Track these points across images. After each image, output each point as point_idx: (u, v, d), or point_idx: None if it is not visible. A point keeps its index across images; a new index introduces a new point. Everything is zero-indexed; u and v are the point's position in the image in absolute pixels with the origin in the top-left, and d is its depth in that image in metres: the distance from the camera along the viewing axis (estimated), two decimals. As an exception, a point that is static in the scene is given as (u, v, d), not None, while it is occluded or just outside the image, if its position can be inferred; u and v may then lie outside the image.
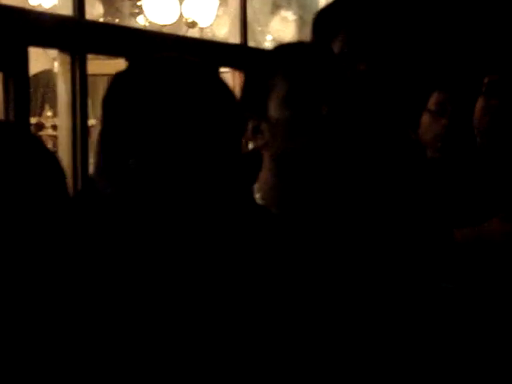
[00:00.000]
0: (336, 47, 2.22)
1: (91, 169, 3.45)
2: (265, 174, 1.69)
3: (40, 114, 5.23)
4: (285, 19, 6.34)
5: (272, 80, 1.65)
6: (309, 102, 1.62)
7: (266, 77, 1.66)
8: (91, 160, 3.91)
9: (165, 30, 5.04)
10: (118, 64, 4.37)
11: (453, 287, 1.88)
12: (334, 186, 1.72)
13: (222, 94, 1.40)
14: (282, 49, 1.79)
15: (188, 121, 1.38)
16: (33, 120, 4.80)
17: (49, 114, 5.10)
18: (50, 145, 5.03)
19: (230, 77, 5.39)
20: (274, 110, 1.63)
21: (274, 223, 1.64)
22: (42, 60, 3.98)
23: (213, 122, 1.38)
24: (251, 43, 5.60)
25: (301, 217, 1.66)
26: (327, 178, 1.68)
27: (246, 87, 1.72)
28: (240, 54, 5.30)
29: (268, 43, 6.16)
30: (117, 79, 1.47)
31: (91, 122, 4.32)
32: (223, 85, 1.41)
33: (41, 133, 5.09)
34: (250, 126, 1.66)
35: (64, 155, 3.94)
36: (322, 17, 2.35)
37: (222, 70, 5.29)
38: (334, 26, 2.26)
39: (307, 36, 2.48)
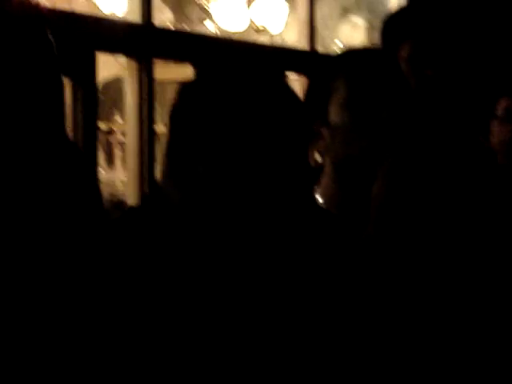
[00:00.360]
0: (404, 52, 2.21)
1: (158, 174, 3.47)
2: (325, 178, 1.70)
3: (110, 120, 5.29)
4: (354, 25, 6.30)
5: (333, 84, 1.65)
6: (368, 107, 1.62)
7: (328, 81, 1.67)
8: (158, 165, 3.93)
9: (233, 36, 5.06)
10: (186, 70, 4.39)
11: None
12: (395, 192, 1.71)
13: (290, 101, 1.41)
14: (344, 54, 1.80)
15: (256, 128, 1.39)
16: (103, 126, 4.85)
17: (118, 119, 5.15)
18: (118, 150, 5.08)
19: (299, 83, 5.38)
20: (334, 114, 1.64)
21: (335, 226, 1.65)
22: (114, 66, 4.02)
23: (280, 128, 1.39)
24: (320, 49, 5.58)
25: (360, 221, 1.66)
26: (388, 183, 1.67)
27: (308, 92, 1.73)
28: (308, 59, 5.29)
29: (337, 49, 6.14)
30: (185, 88, 1.48)
31: (158, 127, 4.35)
32: (291, 92, 1.42)
33: (110, 138, 5.14)
34: (312, 130, 1.67)
35: (131, 160, 3.97)
36: (390, 22, 2.35)
37: (291, 76, 5.28)
38: (402, 32, 2.26)
39: (377, 41, 2.47)
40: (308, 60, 5.28)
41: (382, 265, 1.63)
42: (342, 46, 6.16)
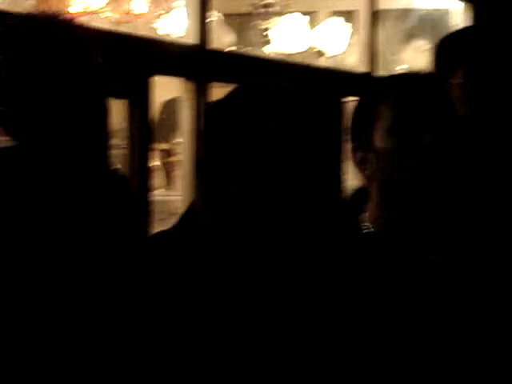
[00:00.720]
0: (458, 78, 2.19)
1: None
2: (372, 204, 1.70)
3: (169, 140, 5.34)
4: (418, 48, 6.27)
5: (377, 109, 1.65)
6: (414, 132, 1.61)
7: (373, 106, 1.66)
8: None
9: (292, 59, 5.08)
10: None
11: None
12: (448, 214, 1.71)
13: (320, 122, 1.40)
14: (390, 78, 1.79)
15: (286, 150, 1.39)
16: (162, 146, 4.91)
17: (177, 140, 5.20)
18: (178, 170, 5.12)
19: (357, 106, 5.37)
20: (379, 139, 1.64)
21: (381, 252, 1.65)
22: (173, 87, 4.07)
23: (309, 150, 1.39)
24: (382, 72, 5.56)
25: (407, 246, 1.66)
26: (439, 206, 1.67)
27: (354, 117, 1.73)
28: (368, 82, 5.28)
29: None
30: (213, 108, 1.49)
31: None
32: (322, 113, 1.42)
33: (169, 159, 5.19)
34: (357, 156, 1.67)
35: (186, 180, 4.01)
36: (444, 46, 2.32)
37: (350, 99, 5.28)
38: (457, 57, 2.23)
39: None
40: (367, 83, 5.27)
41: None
42: (405, 69, 6.14)
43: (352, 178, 3.89)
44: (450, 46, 2.34)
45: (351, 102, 5.31)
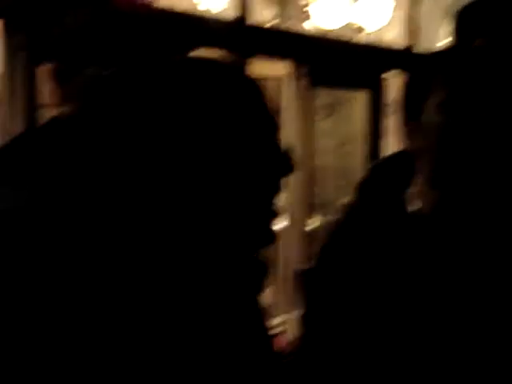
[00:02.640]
0: (478, 47, 2.16)
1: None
2: (420, 180, 1.67)
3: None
4: (458, 23, 6.21)
5: (429, 84, 1.63)
6: (465, 109, 1.59)
7: (426, 80, 1.64)
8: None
9: (331, 34, 5.06)
10: (283, 67, 4.43)
11: None
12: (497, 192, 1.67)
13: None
14: (444, 52, 1.76)
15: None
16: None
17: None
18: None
19: (397, 82, 5.35)
20: (430, 114, 1.61)
21: (426, 229, 1.63)
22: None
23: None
24: (422, 48, 5.53)
25: (456, 225, 1.64)
26: (485, 184, 1.64)
27: (405, 90, 1.71)
28: (407, 58, 5.25)
29: (439, 48, 6.06)
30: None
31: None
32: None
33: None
34: (407, 130, 1.65)
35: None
36: (465, 14, 2.27)
37: (389, 74, 5.26)
38: (477, 25, 2.19)
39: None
40: (407, 59, 5.24)
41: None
42: (444, 45, 6.08)
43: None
44: (471, 15, 2.30)
45: (392, 77, 5.29)
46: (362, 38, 5.27)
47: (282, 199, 1.20)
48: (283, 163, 1.20)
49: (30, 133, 1.57)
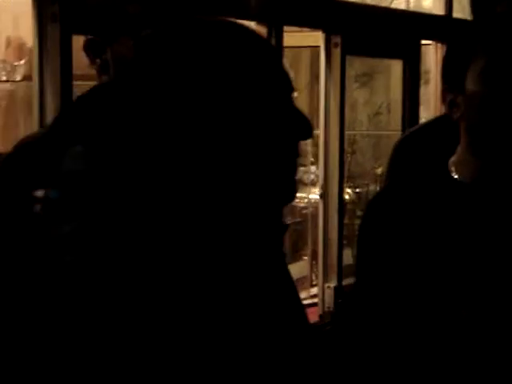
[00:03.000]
0: (503, 7, 2.15)
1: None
2: (460, 148, 1.68)
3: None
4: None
5: (471, 53, 1.62)
6: (507, 78, 1.59)
7: (466, 49, 1.64)
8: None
9: (367, 1, 5.01)
10: (318, 36, 4.39)
11: None
12: None
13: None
14: (485, 20, 1.75)
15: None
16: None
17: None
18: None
19: (433, 49, 5.29)
20: (470, 83, 1.62)
21: (468, 197, 1.63)
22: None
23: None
24: (458, 15, 5.46)
25: (496, 193, 1.64)
26: None
27: (446, 59, 1.71)
28: (444, 25, 5.18)
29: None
30: None
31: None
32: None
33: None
34: (447, 98, 1.66)
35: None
36: None
37: (426, 42, 5.20)
38: None
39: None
40: (444, 26, 5.17)
41: None
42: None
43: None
44: None
45: (429, 45, 5.23)
46: (399, 5, 5.22)
47: (316, 169, 1.22)
48: (302, 126, 1.18)
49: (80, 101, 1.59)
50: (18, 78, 3.82)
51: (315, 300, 4.47)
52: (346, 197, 4.93)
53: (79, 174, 1.15)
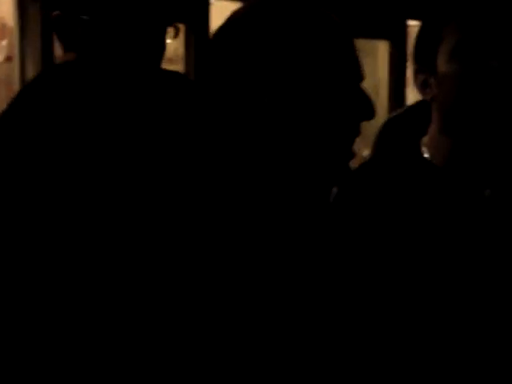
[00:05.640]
0: None
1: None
2: (432, 128, 1.68)
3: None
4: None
5: (441, 32, 1.62)
6: (478, 56, 1.58)
7: (437, 28, 1.63)
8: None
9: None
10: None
11: None
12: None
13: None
14: (455, 0, 1.75)
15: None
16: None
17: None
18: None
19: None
20: (442, 63, 1.61)
21: (437, 178, 1.63)
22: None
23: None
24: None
25: (466, 173, 1.64)
26: (498, 135, 1.63)
27: (417, 39, 1.71)
28: (431, 4, 5.17)
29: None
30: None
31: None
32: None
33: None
34: (419, 79, 1.65)
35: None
36: None
37: (412, 23, 5.19)
38: None
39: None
40: (431, 5, 5.17)
41: None
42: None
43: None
44: None
45: (416, 25, 5.22)
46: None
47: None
48: (367, 107, 1.28)
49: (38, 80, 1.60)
50: (0, 58, 3.80)
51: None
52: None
53: None
